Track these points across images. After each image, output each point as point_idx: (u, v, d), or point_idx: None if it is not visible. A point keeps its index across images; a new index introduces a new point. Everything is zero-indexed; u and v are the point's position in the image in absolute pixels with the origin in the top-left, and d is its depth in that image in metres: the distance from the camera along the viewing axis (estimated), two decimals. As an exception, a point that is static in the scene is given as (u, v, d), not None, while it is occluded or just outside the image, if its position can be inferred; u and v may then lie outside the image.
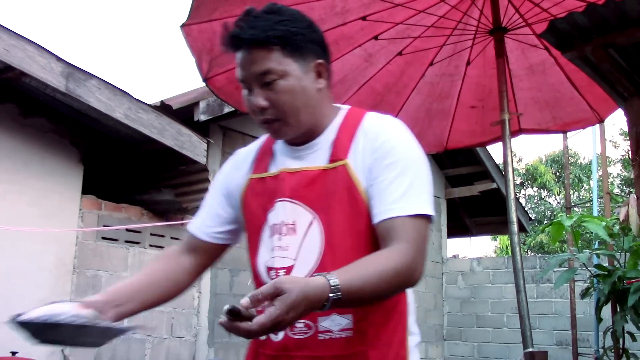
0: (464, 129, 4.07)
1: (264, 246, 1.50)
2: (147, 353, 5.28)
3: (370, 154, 1.42)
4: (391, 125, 1.48)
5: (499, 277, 8.75)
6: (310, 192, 1.44)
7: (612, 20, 2.56)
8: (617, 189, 19.64)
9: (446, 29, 3.54)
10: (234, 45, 1.44)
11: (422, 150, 1.46)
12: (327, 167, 1.45)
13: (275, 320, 1.09)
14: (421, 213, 1.37)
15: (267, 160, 1.56)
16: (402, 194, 1.37)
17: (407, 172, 1.40)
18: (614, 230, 4.54)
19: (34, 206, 4.75)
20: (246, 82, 1.44)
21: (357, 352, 1.39)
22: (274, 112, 1.42)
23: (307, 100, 1.44)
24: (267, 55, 1.40)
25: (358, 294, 1.23)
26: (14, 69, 4.22)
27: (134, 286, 1.55)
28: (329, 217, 1.41)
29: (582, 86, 3.66)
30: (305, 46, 1.44)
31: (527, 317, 2.99)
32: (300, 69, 1.43)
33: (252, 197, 1.54)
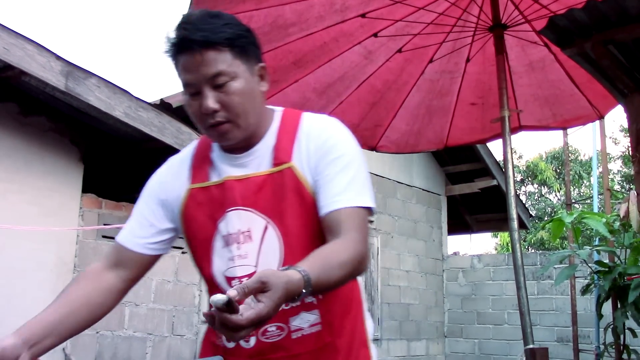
0: (464, 126, 4.07)
1: (218, 256, 1.49)
2: (148, 351, 5.28)
3: (315, 152, 1.46)
4: (331, 124, 1.52)
5: (499, 274, 8.76)
6: (260, 198, 1.45)
7: (612, 16, 2.55)
8: (617, 185, 19.65)
9: (446, 26, 3.53)
10: (180, 49, 1.40)
11: (359, 146, 1.53)
12: (272, 171, 1.46)
13: (264, 316, 1.09)
14: (365, 205, 1.44)
15: (207, 169, 1.54)
16: (346, 187, 1.43)
17: (350, 166, 1.45)
18: (615, 227, 4.54)
19: (34, 205, 4.76)
20: (194, 85, 1.41)
21: (327, 343, 1.46)
22: (225, 115, 1.41)
23: (255, 103, 1.45)
24: (217, 56, 1.39)
25: (324, 285, 1.27)
26: (13, 67, 4.22)
27: (52, 318, 1.42)
28: (283, 220, 1.44)
29: (582, 83, 3.65)
30: (250, 49, 1.45)
31: (528, 313, 2.99)
32: (247, 71, 1.43)
33: (196, 208, 1.52)
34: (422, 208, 8.97)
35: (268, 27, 3.18)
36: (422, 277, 8.81)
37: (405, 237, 8.59)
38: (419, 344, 8.58)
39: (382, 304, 8.03)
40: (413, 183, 8.82)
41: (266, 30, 3.18)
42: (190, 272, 5.66)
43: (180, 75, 1.43)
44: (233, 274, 1.46)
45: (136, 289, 5.85)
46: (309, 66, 3.55)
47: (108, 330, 5.06)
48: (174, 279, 5.51)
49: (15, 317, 4.57)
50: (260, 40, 1.52)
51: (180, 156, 1.63)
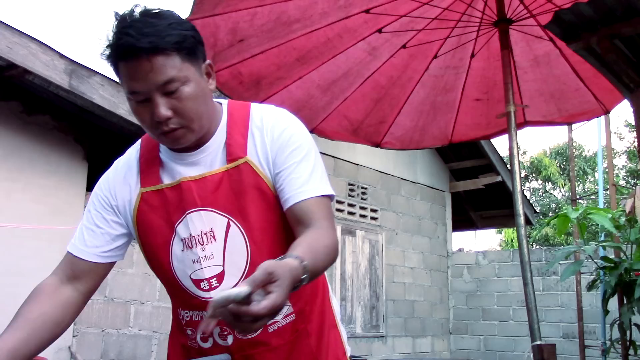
0: (469, 121, 4.06)
1: (177, 260, 1.46)
2: (153, 349, 5.29)
3: (271, 145, 1.44)
4: (282, 115, 1.51)
5: (504, 270, 8.74)
6: (219, 196, 1.43)
7: (618, 10, 2.54)
8: (622, 180, 19.60)
9: (450, 21, 3.51)
10: (125, 56, 1.32)
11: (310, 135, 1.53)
12: (228, 167, 1.44)
13: (278, 306, 1.09)
14: (327, 194, 1.45)
15: (157, 171, 1.50)
16: (309, 177, 1.43)
17: (308, 157, 1.46)
18: (620, 222, 4.52)
19: (38, 204, 4.76)
20: (141, 93, 1.34)
21: (301, 330, 1.48)
22: (179, 121, 1.37)
23: (206, 104, 1.42)
24: (167, 62, 1.32)
25: (316, 271, 1.28)
26: (17, 66, 4.22)
27: (12, 345, 1.34)
28: (245, 216, 1.42)
29: (588, 77, 3.63)
30: (197, 48, 1.40)
31: (535, 309, 2.98)
32: (196, 72, 1.39)
33: (150, 212, 1.48)
34: (426, 205, 8.95)
35: (272, 24, 3.17)
36: (427, 274, 8.80)
37: (410, 233, 8.57)
38: (424, 340, 8.58)
39: (387, 301, 8.02)
40: (417, 180, 8.80)
41: (270, 27, 3.17)
42: (195, 270, 5.66)
43: (125, 82, 1.36)
44: (201, 275, 1.44)
45: (141, 287, 5.83)
46: (313, 63, 3.54)
47: (114, 328, 5.07)
48: (178, 277, 5.51)
49: (20, 315, 4.58)
50: (264, 37, 1.50)
51: (126, 158, 1.59)
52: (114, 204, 1.55)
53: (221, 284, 1.43)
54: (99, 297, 5.02)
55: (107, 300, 5.05)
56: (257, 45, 3.23)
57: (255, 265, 1.36)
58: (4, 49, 4.11)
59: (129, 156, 1.60)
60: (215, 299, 1.05)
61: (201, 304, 1.45)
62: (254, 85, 3.48)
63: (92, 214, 1.58)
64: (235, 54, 3.27)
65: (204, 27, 3.08)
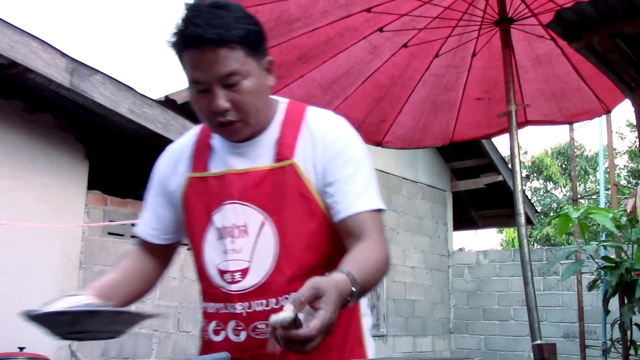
0: (470, 121, 4.05)
1: (210, 248, 1.48)
2: (154, 347, 5.29)
3: (322, 153, 1.43)
4: (337, 122, 1.50)
5: (505, 269, 8.74)
6: (259, 193, 1.43)
7: (619, 9, 2.53)
8: (623, 180, 19.58)
9: (452, 20, 3.51)
10: (191, 45, 1.35)
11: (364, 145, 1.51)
12: (273, 166, 1.44)
13: (329, 322, 1.08)
14: (379, 207, 1.44)
15: (206, 157, 1.52)
16: (362, 190, 1.42)
17: (362, 168, 1.44)
18: (621, 222, 4.52)
19: (39, 202, 4.76)
20: (203, 83, 1.37)
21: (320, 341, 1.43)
22: (236, 114, 1.39)
23: (264, 100, 1.44)
24: (230, 54, 1.34)
25: (365, 287, 1.25)
26: (18, 64, 4.22)
27: (115, 282, 1.52)
28: (281, 217, 1.42)
29: (589, 77, 3.62)
30: (260, 44, 1.42)
31: (536, 309, 2.97)
32: (258, 67, 1.40)
33: (195, 197, 1.51)
34: (427, 204, 8.95)
35: (273, 22, 3.17)
36: (428, 273, 8.80)
37: (411, 233, 8.57)
38: (425, 340, 8.58)
39: (388, 300, 8.02)
40: (418, 179, 8.80)
41: (271, 26, 3.17)
42: (196, 269, 5.66)
43: (188, 71, 1.39)
44: (226, 267, 1.45)
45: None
46: (314, 61, 3.53)
47: (114, 326, 5.07)
48: (179, 276, 5.51)
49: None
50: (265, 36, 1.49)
51: (181, 143, 1.61)
52: (167, 189, 1.58)
53: (244, 279, 1.43)
54: (100, 295, 5.02)
55: (107, 299, 5.06)
56: (258, 44, 3.23)
57: (279, 269, 1.40)
58: (6, 47, 4.11)
59: (183, 141, 1.61)
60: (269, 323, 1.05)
61: (220, 295, 1.46)
62: (255, 84, 3.47)
63: (150, 199, 1.64)
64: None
65: (205, 25, 3.08)
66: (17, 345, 4.18)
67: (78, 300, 1.29)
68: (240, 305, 1.43)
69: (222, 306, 1.46)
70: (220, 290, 1.46)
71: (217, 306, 1.47)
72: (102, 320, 1.25)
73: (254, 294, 1.42)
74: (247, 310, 1.42)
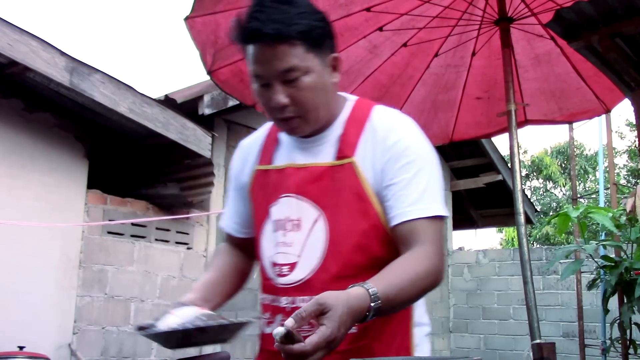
0: (470, 120, 4.05)
1: (266, 240, 1.49)
2: (153, 347, 5.29)
3: (382, 154, 1.40)
4: (401, 122, 1.46)
5: (505, 269, 8.74)
6: (316, 189, 1.42)
7: (619, 9, 2.53)
8: (623, 180, 19.59)
9: (451, 20, 3.51)
10: (251, 40, 1.36)
11: (432, 148, 1.45)
12: (333, 163, 1.42)
13: (329, 338, 1.07)
14: (439, 215, 1.38)
15: (272, 150, 1.53)
16: (420, 196, 1.36)
17: (423, 172, 1.39)
18: (621, 221, 4.51)
19: (39, 201, 4.76)
20: (264, 78, 1.37)
21: (362, 345, 1.39)
22: (295, 110, 1.39)
23: (326, 96, 1.42)
24: (290, 50, 1.34)
25: (395, 301, 1.22)
26: (18, 63, 4.22)
27: (216, 282, 1.57)
28: (334, 215, 1.40)
29: (589, 76, 3.62)
30: (324, 40, 1.41)
31: (535, 308, 2.98)
32: (320, 64, 1.39)
33: (258, 190, 1.53)
34: (427, 203, 8.95)
35: (272, 22, 3.17)
36: (428, 273, 8.80)
37: (411, 232, 8.57)
38: (425, 339, 8.58)
39: (388, 299, 8.02)
40: (418, 178, 8.80)
41: (271, 25, 3.17)
42: (196, 268, 5.66)
43: (250, 65, 1.39)
44: (276, 260, 1.45)
45: (142, 285, 5.84)
46: (313, 61, 3.53)
47: (114, 326, 5.07)
48: (179, 275, 5.52)
49: (20, 313, 4.60)
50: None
51: (253, 137, 1.64)
52: (240, 182, 1.61)
53: (291, 274, 1.42)
54: (99, 294, 5.02)
55: (107, 298, 5.06)
56: (257, 43, 3.23)
57: (326, 266, 1.38)
58: (5, 46, 4.11)
59: (256, 134, 1.63)
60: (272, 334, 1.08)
61: (271, 287, 1.46)
62: (254, 83, 3.47)
63: (229, 193, 1.68)
64: (236, 52, 3.24)
65: (205, 24, 3.08)
66: (17, 344, 4.18)
67: (188, 313, 1.33)
68: (285, 299, 1.42)
69: (272, 299, 1.46)
70: (271, 282, 1.46)
71: (269, 298, 1.48)
72: (211, 334, 1.32)
73: (298, 289, 1.40)
74: (291, 305, 1.41)
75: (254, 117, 5.91)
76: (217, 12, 3.04)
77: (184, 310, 1.32)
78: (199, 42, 3.14)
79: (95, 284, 5.00)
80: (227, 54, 3.24)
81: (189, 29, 3.06)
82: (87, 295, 4.95)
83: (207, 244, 5.80)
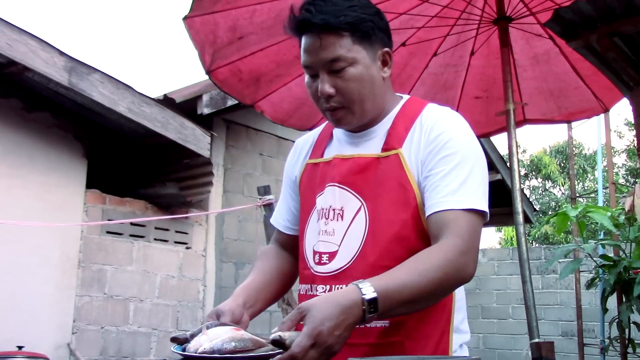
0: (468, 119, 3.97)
1: (310, 230, 1.50)
2: (152, 346, 5.29)
3: (425, 146, 1.40)
4: (448, 117, 1.46)
5: (504, 268, 8.75)
6: (360, 179, 1.43)
7: (618, 8, 2.53)
8: (622, 179, 19.60)
9: (450, 19, 3.51)
10: (301, 30, 1.41)
11: (479, 145, 1.44)
12: (379, 155, 1.43)
13: (312, 333, 1.08)
14: (476, 208, 1.34)
15: (324, 145, 1.56)
16: (457, 187, 1.34)
17: (463, 165, 1.36)
18: (620, 221, 4.51)
19: (38, 201, 4.76)
20: (312, 68, 1.41)
21: (394, 342, 1.37)
22: (340, 100, 1.41)
23: (373, 89, 1.43)
24: (337, 41, 1.37)
25: (400, 295, 1.20)
26: (16, 63, 4.22)
27: (258, 286, 1.56)
28: (376, 205, 1.40)
29: (587, 75, 3.63)
30: (374, 34, 1.42)
31: (533, 308, 2.98)
32: (369, 56, 1.41)
33: (306, 181, 1.55)
34: (426, 202, 8.96)
35: (271, 21, 3.17)
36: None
37: (410, 231, 8.58)
38: (424, 338, 8.59)
39: (387, 299, 8.03)
40: (417, 177, 8.80)
41: (269, 24, 3.17)
42: (195, 268, 5.67)
43: (301, 55, 1.43)
44: (317, 248, 1.46)
45: (141, 284, 5.83)
46: (312, 60, 3.53)
47: (113, 325, 5.07)
48: (178, 275, 5.52)
49: (19, 312, 4.60)
50: (263, 35, 1.51)
51: (308, 135, 1.66)
52: (291, 178, 1.64)
53: (330, 262, 1.42)
54: (99, 294, 5.02)
55: (106, 298, 5.06)
56: (256, 43, 3.22)
57: (363, 255, 1.38)
58: (4, 46, 4.11)
59: (312, 132, 1.66)
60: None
61: (309, 276, 1.47)
62: (253, 82, 3.47)
63: (283, 190, 1.68)
64: (234, 52, 3.26)
65: (204, 24, 3.08)
66: (16, 344, 4.18)
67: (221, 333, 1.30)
68: (322, 287, 1.42)
69: (308, 287, 1.47)
70: (310, 270, 1.46)
71: (305, 287, 1.48)
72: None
73: (335, 277, 1.41)
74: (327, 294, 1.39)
75: (253, 117, 5.91)
76: (215, 11, 3.04)
77: (216, 331, 1.30)
78: (197, 42, 3.14)
79: (94, 284, 5.00)
80: (226, 53, 3.24)
81: (187, 29, 3.06)
82: (86, 295, 4.95)
83: (206, 244, 5.80)
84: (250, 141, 6.29)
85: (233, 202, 5.95)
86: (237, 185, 6.11)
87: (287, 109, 3.61)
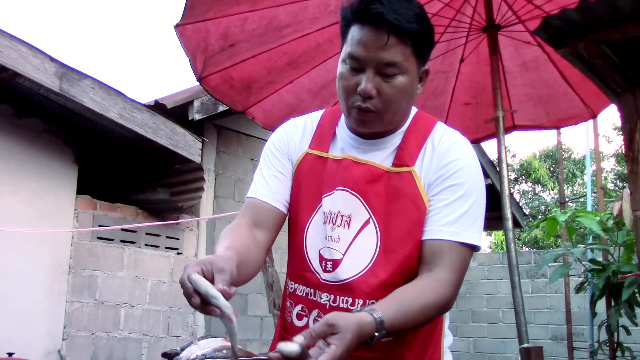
0: (458, 126, 4.02)
1: (314, 231, 1.45)
2: (143, 352, 5.28)
3: (435, 170, 1.40)
4: (461, 146, 1.45)
5: (494, 272, 8.78)
6: (371, 190, 1.41)
7: (605, 16, 2.56)
8: (610, 183, 19.72)
9: (439, 27, 3.54)
10: (368, 20, 1.33)
11: (482, 175, 1.44)
12: (392, 170, 1.41)
13: (337, 359, 1.09)
14: (470, 243, 1.37)
15: (328, 140, 1.50)
16: (457, 219, 1.36)
17: (467, 198, 1.38)
18: (608, 225, 4.55)
19: (29, 207, 4.75)
20: (361, 62, 1.35)
21: (395, 354, 1.40)
22: (377, 104, 1.36)
23: (408, 103, 1.42)
24: (399, 46, 1.33)
25: (400, 329, 1.25)
26: (7, 69, 4.21)
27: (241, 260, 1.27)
28: (387, 222, 1.39)
29: (576, 82, 3.67)
30: (427, 48, 1.41)
31: (523, 313, 3.01)
32: (416, 70, 1.39)
33: (308, 173, 1.48)
34: (416, 207, 8.97)
35: (263, 29, 3.19)
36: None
37: (400, 236, 8.59)
38: (414, 343, 8.60)
39: (378, 304, 8.03)
40: (407, 182, 8.81)
41: (261, 32, 3.19)
42: (186, 273, 5.65)
43: (351, 45, 1.37)
44: (322, 253, 1.42)
45: (131, 290, 5.80)
46: (303, 67, 3.55)
47: (103, 331, 5.06)
48: (169, 280, 5.51)
49: (9, 318, 4.58)
50: (255, 42, 1.51)
51: (304, 119, 1.57)
52: (289, 151, 1.53)
53: (334, 271, 1.40)
54: (89, 300, 5.01)
55: (97, 304, 5.04)
56: (248, 50, 3.24)
57: (373, 272, 1.37)
58: (-5, 52, 4.10)
59: (308, 118, 1.57)
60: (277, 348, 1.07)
61: (312, 279, 1.43)
62: (244, 89, 3.49)
63: (272, 163, 1.52)
64: (226, 59, 3.28)
65: (195, 32, 3.09)
66: (6, 351, 4.17)
67: (212, 343, 1.31)
68: (326, 296, 1.40)
69: (311, 292, 1.43)
70: (315, 275, 1.43)
71: (307, 290, 1.44)
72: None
73: (342, 288, 1.39)
74: (331, 303, 1.40)
75: (244, 123, 5.92)
76: (207, 19, 3.05)
77: (207, 342, 1.31)
78: (189, 49, 3.15)
79: (85, 290, 4.98)
80: (218, 60, 3.26)
81: (179, 36, 3.07)
82: (77, 300, 4.93)
83: (197, 249, 5.80)
84: (241, 147, 6.30)
85: (224, 207, 5.95)
86: (228, 191, 6.11)
87: (278, 115, 3.63)
